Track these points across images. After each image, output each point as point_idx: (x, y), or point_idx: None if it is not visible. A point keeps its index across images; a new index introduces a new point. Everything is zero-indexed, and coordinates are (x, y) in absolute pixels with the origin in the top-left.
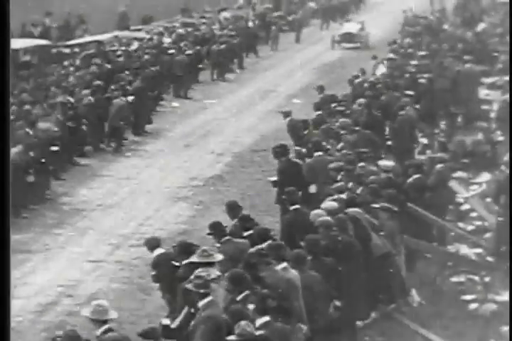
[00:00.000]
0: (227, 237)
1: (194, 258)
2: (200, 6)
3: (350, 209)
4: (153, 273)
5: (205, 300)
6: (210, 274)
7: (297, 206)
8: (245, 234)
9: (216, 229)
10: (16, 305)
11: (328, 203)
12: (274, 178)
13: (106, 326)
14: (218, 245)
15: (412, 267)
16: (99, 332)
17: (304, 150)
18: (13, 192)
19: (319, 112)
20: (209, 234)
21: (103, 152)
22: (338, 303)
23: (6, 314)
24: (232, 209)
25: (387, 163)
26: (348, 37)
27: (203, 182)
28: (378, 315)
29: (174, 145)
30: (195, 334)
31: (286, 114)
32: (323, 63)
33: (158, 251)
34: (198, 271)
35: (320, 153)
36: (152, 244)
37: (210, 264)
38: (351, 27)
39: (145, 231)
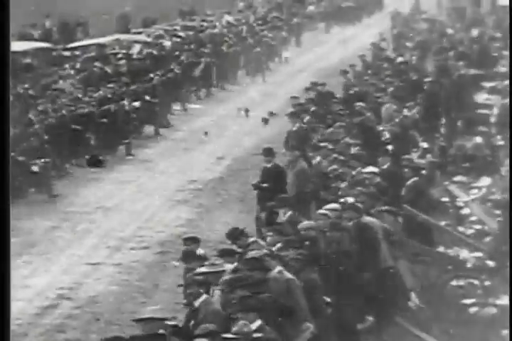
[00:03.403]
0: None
1: (204, 269)
2: (202, 10)
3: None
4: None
5: (201, 299)
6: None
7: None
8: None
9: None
10: (15, 307)
11: (331, 205)
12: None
13: None
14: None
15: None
16: None
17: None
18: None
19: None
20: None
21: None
22: (328, 299)
23: (6, 316)
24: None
25: (372, 168)
26: None
27: (203, 186)
28: (377, 319)
29: (174, 149)
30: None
31: None
32: (324, 66)
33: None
34: (196, 271)
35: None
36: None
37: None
38: None
39: (144, 234)
